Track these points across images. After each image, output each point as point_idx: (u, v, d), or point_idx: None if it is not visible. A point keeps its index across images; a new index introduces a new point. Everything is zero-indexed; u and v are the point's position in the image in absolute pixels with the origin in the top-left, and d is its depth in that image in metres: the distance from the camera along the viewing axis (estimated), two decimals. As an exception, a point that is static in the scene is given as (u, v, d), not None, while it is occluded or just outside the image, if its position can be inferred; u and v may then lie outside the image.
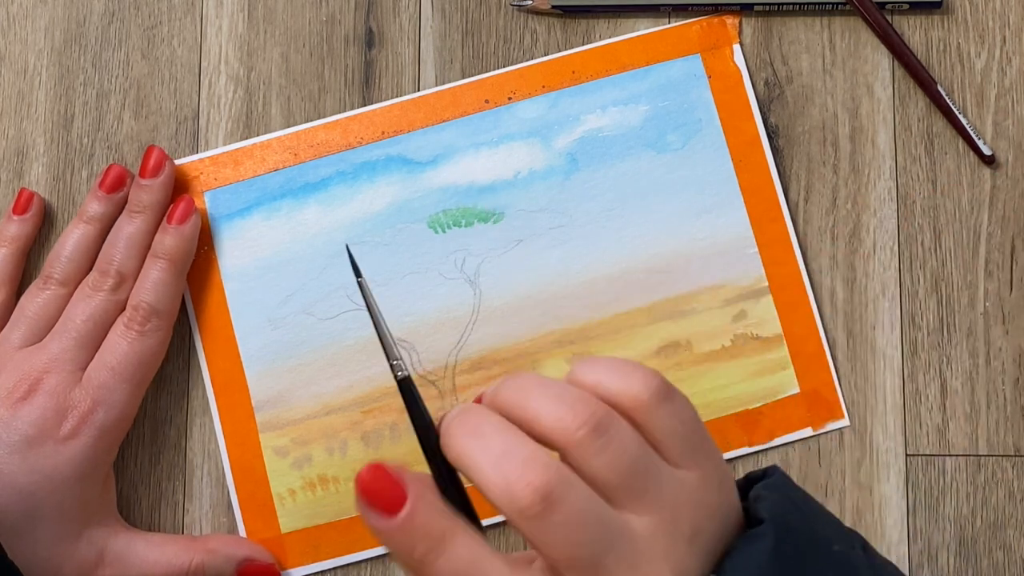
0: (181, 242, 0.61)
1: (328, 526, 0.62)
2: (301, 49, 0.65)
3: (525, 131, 0.64)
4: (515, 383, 0.42)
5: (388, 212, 0.63)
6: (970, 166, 0.63)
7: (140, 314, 0.60)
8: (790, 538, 0.43)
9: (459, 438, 0.41)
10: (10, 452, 0.57)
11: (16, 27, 0.66)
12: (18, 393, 0.58)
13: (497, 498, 0.39)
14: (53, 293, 0.61)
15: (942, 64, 0.64)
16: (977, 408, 0.62)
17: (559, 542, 0.39)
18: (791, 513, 0.44)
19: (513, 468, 0.39)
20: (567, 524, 0.39)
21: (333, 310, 0.63)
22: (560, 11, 0.64)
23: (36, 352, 0.59)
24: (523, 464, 0.39)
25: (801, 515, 0.44)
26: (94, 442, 0.58)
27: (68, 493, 0.58)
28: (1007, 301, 0.62)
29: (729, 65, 0.64)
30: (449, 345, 0.63)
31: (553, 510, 0.38)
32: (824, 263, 0.63)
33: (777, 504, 0.44)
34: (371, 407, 0.62)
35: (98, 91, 0.66)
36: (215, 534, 0.62)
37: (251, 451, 0.63)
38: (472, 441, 0.40)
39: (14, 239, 0.63)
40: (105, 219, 0.62)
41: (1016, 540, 0.61)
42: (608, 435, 0.40)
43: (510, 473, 0.39)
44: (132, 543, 0.60)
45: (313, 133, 0.64)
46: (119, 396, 0.59)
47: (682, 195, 0.63)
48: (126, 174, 0.63)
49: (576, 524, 0.39)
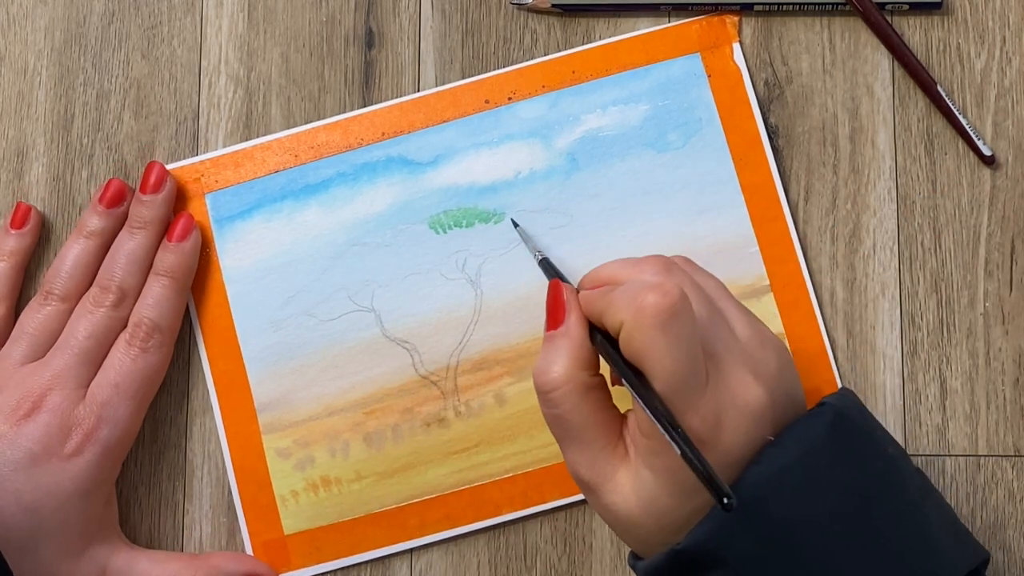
0: (182, 259, 0.61)
1: (331, 527, 0.62)
2: (301, 49, 0.65)
3: (525, 131, 0.64)
4: (596, 270, 0.54)
5: (389, 213, 0.63)
6: (970, 166, 0.63)
7: (142, 331, 0.60)
8: (846, 425, 0.51)
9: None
10: (14, 469, 0.57)
11: (16, 27, 0.66)
12: (22, 410, 0.58)
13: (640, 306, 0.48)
14: (54, 309, 0.61)
15: (942, 64, 0.64)
16: (977, 408, 0.62)
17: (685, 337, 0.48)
18: (851, 408, 0.52)
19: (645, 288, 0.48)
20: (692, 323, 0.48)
21: (335, 311, 0.63)
22: (560, 10, 0.64)
23: (39, 369, 0.59)
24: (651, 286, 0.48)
25: (861, 414, 0.53)
26: (98, 459, 0.58)
27: (72, 510, 0.58)
28: (1007, 301, 0.62)
29: (729, 64, 0.64)
30: (451, 346, 0.63)
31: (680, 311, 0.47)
32: (824, 263, 0.63)
33: (839, 399, 0.52)
34: (373, 408, 0.63)
35: (98, 91, 0.65)
36: (217, 551, 0.63)
37: (254, 453, 0.63)
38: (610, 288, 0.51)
39: (12, 253, 0.63)
40: (105, 234, 0.62)
41: (1016, 540, 0.61)
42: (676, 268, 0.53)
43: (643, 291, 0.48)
44: (134, 560, 0.60)
45: (313, 134, 0.64)
46: (123, 413, 0.59)
47: (683, 194, 0.63)
48: (126, 189, 0.63)
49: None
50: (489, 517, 0.62)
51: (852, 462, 0.50)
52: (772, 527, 0.48)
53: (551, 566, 0.62)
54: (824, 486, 0.48)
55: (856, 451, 0.50)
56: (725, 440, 0.48)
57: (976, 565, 0.51)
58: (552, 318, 0.53)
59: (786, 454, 0.49)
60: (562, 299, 0.53)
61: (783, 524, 0.48)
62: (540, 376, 0.51)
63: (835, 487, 0.49)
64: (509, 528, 0.62)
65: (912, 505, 0.50)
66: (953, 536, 0.51)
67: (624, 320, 0.48)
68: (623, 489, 0.50)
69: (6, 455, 0.57)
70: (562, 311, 0.52)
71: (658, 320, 0.47)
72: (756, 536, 0.48)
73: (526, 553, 0.62)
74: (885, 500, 0.49)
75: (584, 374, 0.51)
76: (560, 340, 0.52)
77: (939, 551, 0.50)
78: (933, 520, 0.50)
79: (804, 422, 0.50)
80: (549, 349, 0.52)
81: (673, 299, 0.47)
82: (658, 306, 0.47)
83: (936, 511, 0.51)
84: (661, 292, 0.47)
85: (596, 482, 0.51)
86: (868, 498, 0.49)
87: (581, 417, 0.51)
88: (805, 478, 0.48)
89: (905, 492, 0.50)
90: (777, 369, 0.51)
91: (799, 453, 0.49)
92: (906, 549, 0.49)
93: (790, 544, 0.48)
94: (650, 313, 0.47)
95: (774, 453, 0.49)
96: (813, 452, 0.49)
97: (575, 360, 0.51)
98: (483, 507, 0.62)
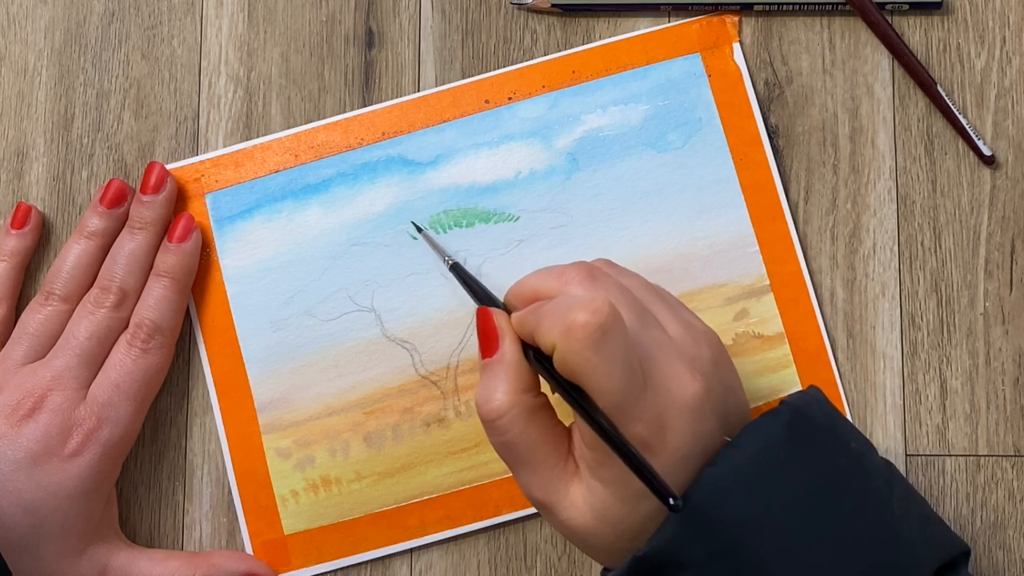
0: (183, 259, 0.61)
1: (331, 527, 0.62)
2: (301, 49, 0.65)
3: (525, 131, 0.64)
4: (520, 283, 0.53)
5: (389, 213, 0.63)
6: (970, 166, 0.63)
7: (143, 331, 0.60)
8: (805, 423, 0.51)
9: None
10: (15, 469, 0.57)
11: (16, 27, 0.66)
12: (23, 410, 0.58)
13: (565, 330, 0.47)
14: (55, 309, 0.61)
15: (942, 64, 0.64)
16: (977, 408, 0.62)
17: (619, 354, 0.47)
18: (811, 406, 0.53)
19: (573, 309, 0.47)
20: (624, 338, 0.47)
21: (335, 311, 0.63)
22: (560, 10, 0.64)
23: (39, 369, 0.59)
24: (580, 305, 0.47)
25: (822, 410, 0.53)
26: (99, 459, 0.58)
27: (72, 509, 0.58)
28: (1007, 301, 0.62)
29: (729, 64, 0.64)
30: (451, 346, 0.63)
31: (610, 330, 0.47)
32: (824, 263, 0.63)
33: (798, 397, 0.52)
34: (373, 408, 0.63)
35: (98, 91, 0.65)
36: (217, 550, 0.63)
37: (254, 453, 0.63)
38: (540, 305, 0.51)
39: (13, 253, 0.63)
40: (106, 234, 0.62)
41: (1016, 540, 0.61)
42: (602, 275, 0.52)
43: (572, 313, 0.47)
44: (134, 559, 0.60)
45: (313, 134, 0.64)
46: (123, 413, 0.59)
47: (683, 194, 0.63)
48: (127, 189, 0.63)
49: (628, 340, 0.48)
50: (489, 517, 0.62)
51: (811, 459, 0.50)
52: (730, 527, 0.48)
53: (551, 566, 0.62)
54: (781, 484, 0.49)
55: (816, 448, 0.50)
56: (671, 440, 0.48)
57: (952, 557, 0.51)
58: (485, 346, 0.52)
59: (742, 455, 0.49)
60: (493, 325, 0.52)
61: (741, 523, 0.48)
62: (483, 405, 0.51)
63: (793, 484, 0.49)
64: (509, 528, 0.62)
65: (877, 499, 0.50)
66: (924, 529, 0.51)
67: (555, 342, 0.48)
68: (577, 504, 0.50)
69: (6, 455, 0.57)
70: (495, 337, 0.52)
71: (590, 341, 0.46)
72: (715, 537, 0.48)
73: (526, 553, 0.62)
74: (847, 495, 0.49)
75: (527, 397, 0.51)
76: (497, 367, 0.51)
77: (907, 543, 0.50)
78: (901, 513, 0.50)
79: (762, 422, 0.50)
80: (488, 377, 0.51)
81: (602, 316, 0.46)
82: (588, 326, 0.46)
83: (905, 504, 0.51)
84: (590, 310, 0.46)
85: (551, 501, 0.51)
86: (829, 493, 0.49)
87: (529, 440, 0.50)
88: (761, 476, 0.48)
89: (869, 486, 0.50)
90: (712, 361, 0.51)
91: (754, 452, 0.49)
92: (871, 542, 0.49)
93: (750, 542, 0.48)
94: (581, 334, 0.46)
95: (730, 454, 0.49)
96: (769, 450, 0.49)
97: (516, 384, 0.51)
98: (483, 507, 0.62)
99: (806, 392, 0.53)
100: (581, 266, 0.52)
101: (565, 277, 0.52)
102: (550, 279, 0.52)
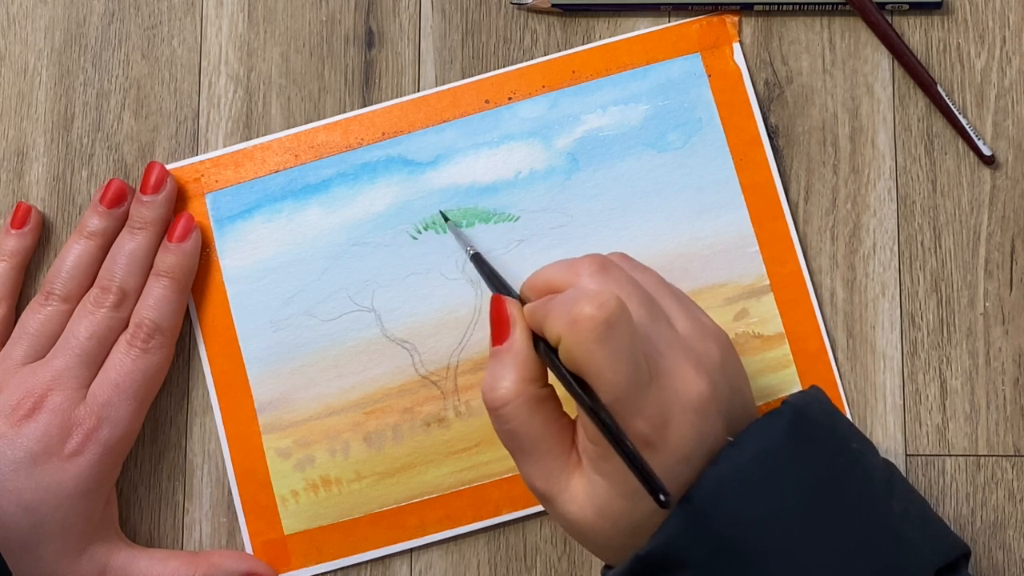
0: (183, 259, 0.61)
1: (331, 527, 0.62)
2: (301, 49, 0.65)
3: (525, 131, 0.64)
4: (535, 275, 0.53)
5: (389, 213, 0.63)
6: (970, 166, 0.63)
7: (143, 331, 0.60)
8: (806, 423, 0.51)
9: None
10: (15, 468, 0.57)
11: (16, 27, 0.66)
12: (23, 410, 0.58)
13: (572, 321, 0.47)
14: (55, 309, 0.61)
15: (942, 64, 0.64)
16: (977, 408, 0.62)
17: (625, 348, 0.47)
18: (812, 406, 0.53)
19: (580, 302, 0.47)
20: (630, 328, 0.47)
21: (335, 311, 0.63)
22: (560, 10, 0.64)
23: (39, 369, 0.59)
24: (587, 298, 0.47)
25: (823, 410, 0.53)
26: (99, 459, 0.58)
27: (72, 509, 0.58)
28: (1007, 301, 0.62)
29: (729, 64, 0.64)
30: (451, 346, 0.63)
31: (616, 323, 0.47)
32: (824, 263, 0.63)
33: (800, 397, 0.52)
34: (373, 408, 0.63)
35: (98, 91, 0.65)
36: (217, 550, 0.63)
37: (254, 453, 0.63)
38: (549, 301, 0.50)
39: (13, 253, 0.63)
40: (106, 234, 0.62)
41: (1016, 540, 0.61)
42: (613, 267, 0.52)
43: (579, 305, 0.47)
44: (134, 559, 0.60)
45: (313, 134, 0.64)
46: (123, 413, 0.59)
47: (683, 194, 0.63)
48: (127, 189, 0.63)
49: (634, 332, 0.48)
50: (489, 517, 0.62)
51: (812, 459, 0.50)
52: (732, 526, 0.48)
53: (551, 566, 0.62)
54: (783, 483, 0.49)
55: (817, 448, 0.50)
56: (673, 438, 0.48)
57: (953, 559, 0.51)
58: (497, 333, 0.52)
59: (743, 454, 0.49)
60: (506, 313, 0.52)
61: (743, 522, 0.48)
62: (489, 392, 0.51)
63: (794, 484, 0.49)
64: (509, 528, 0.62)
65: (877, 499, 0.50)
66: (924, 529, 0.51)
67: (561, 334, 0.48)
68: (578, 497, 0.50)
69: (6, 455, 0.57)
70: (506, 326, 0.52)
71: (595, 333, 0.47)
72: (716, 536, 0.48)
73: (526, 553, 0.62)
74: (847, 495, 0.50)
75: (533, 387, 0.51)
76: (506, 355, 0.51)
77: (907, 544, 0.50)
78: (901, 513, 0.51)
79: (763, 422, 0.50)
80: (496, 364, 0.51)
81: (608, 310, 0.47)
82: (594, 319, 0.46)
83: (905, 504, 0.51)
84: (596, 304, 0.47)
85: (552, 492, 0.51)
86: (829, 493, 0.49)
87: (533, 430, 0.51)
88: (763, 476, 0.49)
89: (870, 486, 0.50)
90: (720, 360, 0.51)
91: (756, 451, 0.49)
92: (871, 542, 0.49)
93: (750, 542, 0.48)
94: (586, 327, 0.47)
95: (732, 454, 0.49)
96: (771, 450, 0.49)
97: (523, 374, 0.51)
98: (483, 507, 0.62)
99: (807, 392, 0.53)
100: (594, 259, 0.52)
101: (578, 269, 0.52)
102: (563, 271, 0.52)
